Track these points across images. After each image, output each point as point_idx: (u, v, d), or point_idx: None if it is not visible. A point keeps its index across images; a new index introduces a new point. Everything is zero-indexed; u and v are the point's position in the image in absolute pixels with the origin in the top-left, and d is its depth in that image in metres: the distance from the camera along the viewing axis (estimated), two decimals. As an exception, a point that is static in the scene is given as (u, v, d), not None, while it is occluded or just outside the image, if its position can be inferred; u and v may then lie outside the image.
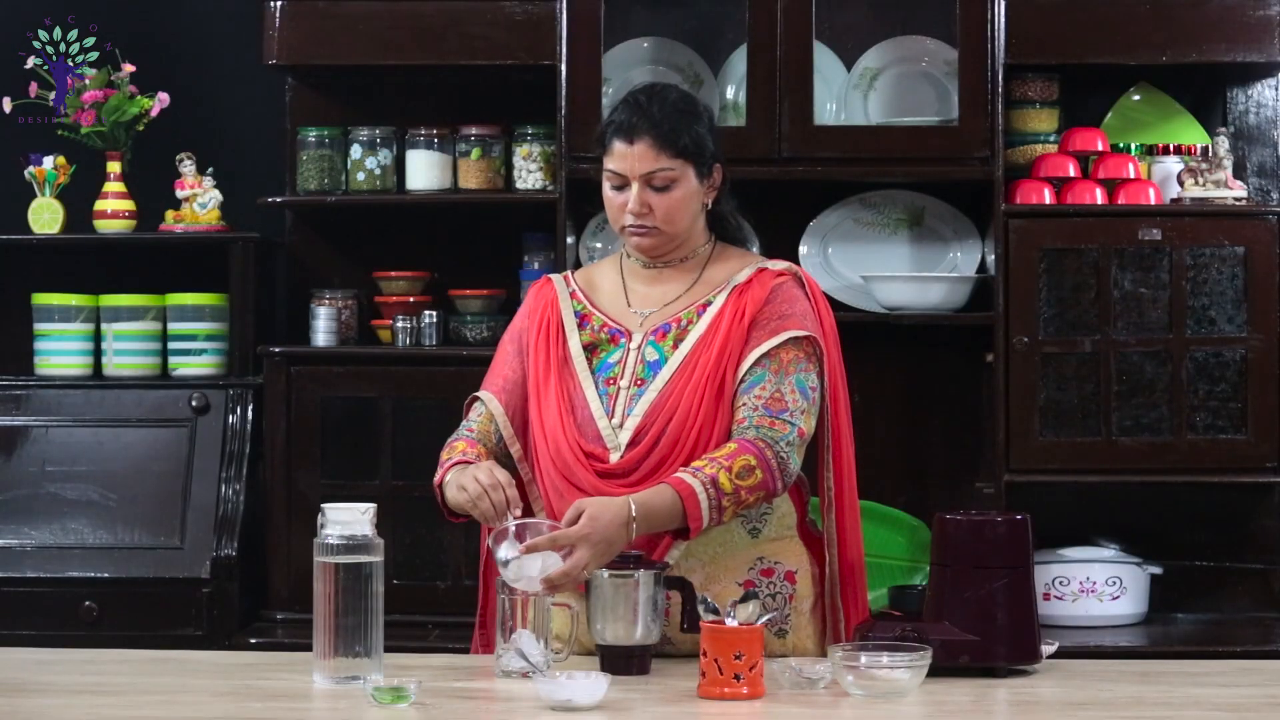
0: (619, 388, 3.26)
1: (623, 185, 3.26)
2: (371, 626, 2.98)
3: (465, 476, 3.15)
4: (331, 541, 2.98)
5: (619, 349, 3.30)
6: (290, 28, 4.70)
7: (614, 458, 3.22)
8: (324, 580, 2.98)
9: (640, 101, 3.27)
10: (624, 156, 3.24)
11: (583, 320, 3.34)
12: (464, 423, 3.36)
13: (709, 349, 3.24)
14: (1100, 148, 4.70)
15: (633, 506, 3.06)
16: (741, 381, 3.22)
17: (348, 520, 2.99)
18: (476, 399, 3.37)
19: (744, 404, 3.21)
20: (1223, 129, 4.72)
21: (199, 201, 4.86)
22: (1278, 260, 4.55)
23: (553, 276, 3.43)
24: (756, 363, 3.22)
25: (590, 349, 3.31)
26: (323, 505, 3.04)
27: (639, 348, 3.29)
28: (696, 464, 3.14)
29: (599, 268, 3.46)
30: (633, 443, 3.22)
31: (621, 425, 3.23)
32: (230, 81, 5.06)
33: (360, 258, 4.97)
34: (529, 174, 4.76)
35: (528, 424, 3.32)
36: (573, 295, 3.37)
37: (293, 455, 4.67)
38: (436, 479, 3.25)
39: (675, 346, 3.27)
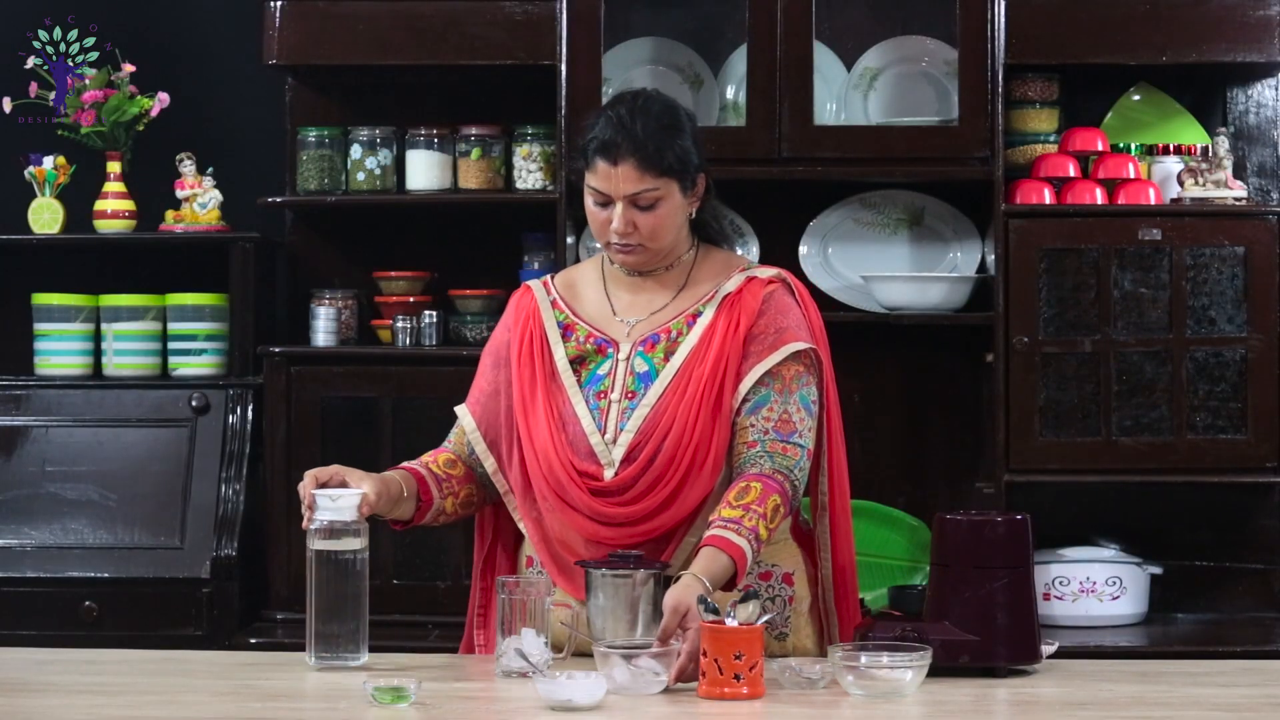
0: (610, 401, 3.23)
1: (606, 203, 3.22)
2: (358, 609, 3.09)
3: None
4: (317, 526, 3.11)
5: (607, 360, 3.26)
6: (290, 28, 4.70)
7: (608, 474, 3.19)
8: (313, 564, 3.10)
9: (623, 118, 3.20)
10: (608, 176, 3.19)
11: (566, 331, 3.30)
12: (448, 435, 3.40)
13: (702, 362, 3.21)
14: (1100, 148, 4.70)
15: (706, 584, 3.01)
16: (745, 401, 3.20)
17: (333, 506, 3.10)
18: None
19: (752, 425, 3.18)
20: (1223, 129, 4.72)
21: (199, 201, 4.86)
22: (1278, 260, 4.55)
23: (532, 285, 3.38)
24: (760, 382, 3.20)
25: (577, 362, 3.27)
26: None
27: (628, 359, 3.25)
28: (730, 515, 3.08)
29: (580, 271, 3.42)
30: (627, 459, 3.19)
31: (615, 441, 3.20)
32: (230, 81, 5.06)
33: (360, 258, 4.97)
34: (529, 174, 4.76)
35: (500, 437, 3.30)
36: (554, 304, 3.33)
37: (293, 455, 4.66)
38: None
39: (666, 359, 3.23)
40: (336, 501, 3.10)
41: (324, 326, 4.76)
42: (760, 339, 3.22)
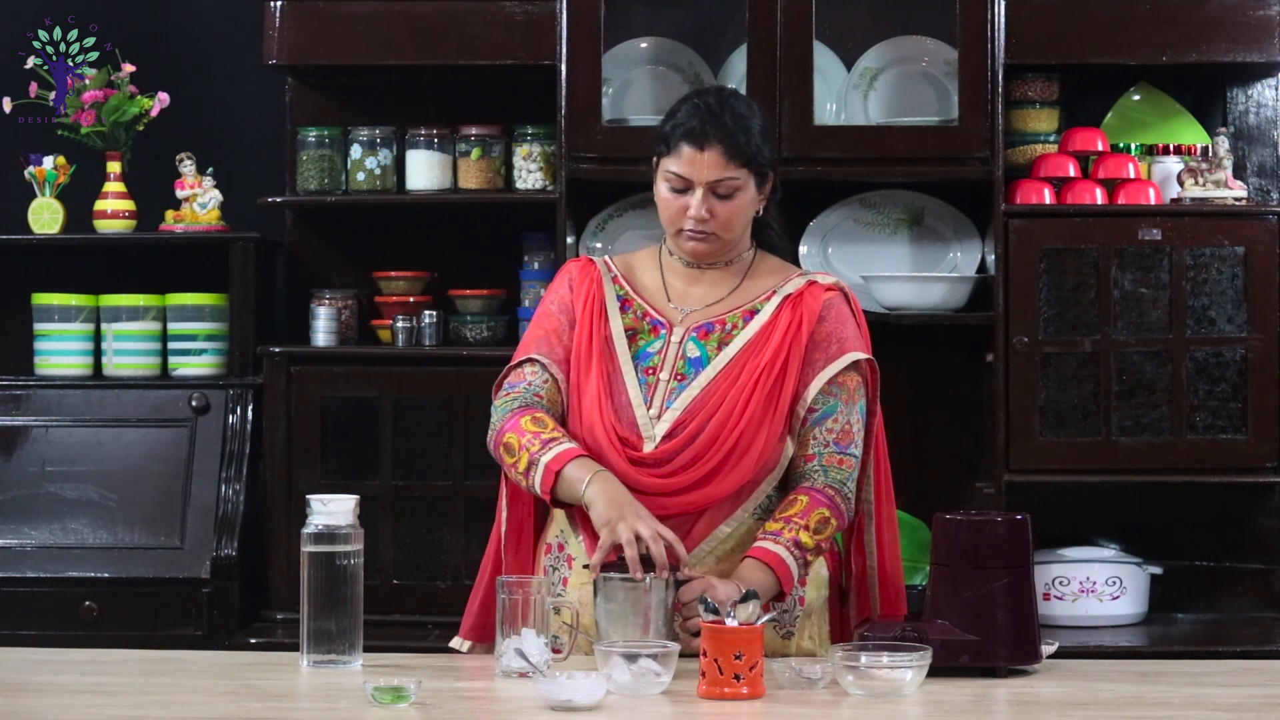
0: (659, 379, 3.28)
1: (685, 189, 3.27)
2: (350, 608, 3.10)
3: (620, 505, 3.12)
4: (312, 531, 3.12)
5: (659, 340, 3.32)
6: (290, 28, 4.70)
7: (648, 447, 3.24)
8: (307, 568, 3.11)
9: (711, 107, 3.27)
10: (693, 162, 3.25)
11: (624, 305, 3.36)
12: (523, 384, 3.31)
13: (759, 355, 3.27)
14: (1100, 148, 4.70)
15: (756, 594, 3.08)
16: (812, 410, 3.27)
17: (330, 510, 3.11)
18: (532, 361, 3.31)
19: (815, 438, 3.27)
20: (1223, 129, 4.72)
21: (199, 201, 4.86)
22: (1278, 260, 4.55)
23: (594, 259, 3.44)
24: (827, 392, 3.27)
25: (631, 334, 3.33)
26: (307, 496, 3.14)
27: (680, 341, 3.31)
28: (771, 528, 3.19)
29: (638, 259, 3.46)
30: (669, 435, 3.24)
31: (659, 417, 3.25)
32: (230, 81, 5.07)
33: (360, 258, 4.97)
34: (529, 174, 4.76)
35: (564, 362, 3.33)
36: (615, 280, 3.39)
37: (293, 455, 4.67)
38: (544, 459, 3.19)
39: (719, 348, 3.29)
40: (329, 506, 3.10)
41: (324, 326, 4.76)
42: (822, 347, 3.29)
